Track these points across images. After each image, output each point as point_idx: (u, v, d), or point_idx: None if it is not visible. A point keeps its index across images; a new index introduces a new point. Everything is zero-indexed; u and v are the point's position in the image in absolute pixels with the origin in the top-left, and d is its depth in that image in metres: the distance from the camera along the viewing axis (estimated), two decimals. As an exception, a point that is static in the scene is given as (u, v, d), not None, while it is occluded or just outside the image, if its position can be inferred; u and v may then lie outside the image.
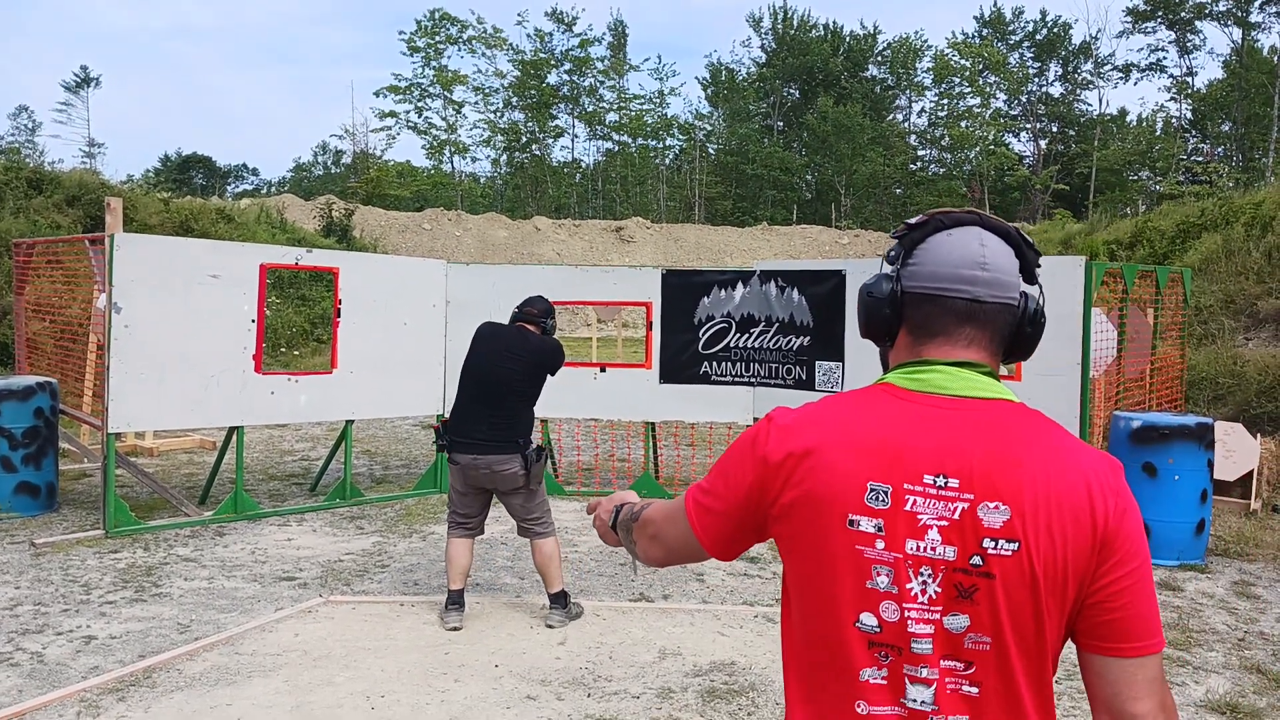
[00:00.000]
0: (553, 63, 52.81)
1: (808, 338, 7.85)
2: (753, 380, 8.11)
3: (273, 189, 58.63)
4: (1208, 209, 15.79)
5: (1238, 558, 6.63)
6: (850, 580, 1.27)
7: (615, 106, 55.06)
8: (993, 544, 1.23)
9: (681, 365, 8.17)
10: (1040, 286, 1.42)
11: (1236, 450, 8.09)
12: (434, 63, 51.08)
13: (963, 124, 52.57)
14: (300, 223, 24.83)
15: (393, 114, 51.46)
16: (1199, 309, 12.09)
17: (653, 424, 8.33)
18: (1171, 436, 6.42)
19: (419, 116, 52.06)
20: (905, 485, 1.26)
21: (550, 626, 5.04)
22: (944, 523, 1.24)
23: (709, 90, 58.24)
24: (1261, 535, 7.10)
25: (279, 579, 5.81)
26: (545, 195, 50.69)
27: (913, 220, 1.43)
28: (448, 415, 5.83)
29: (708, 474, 1.46)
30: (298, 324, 16.61)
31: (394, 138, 69.76)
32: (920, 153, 57.12)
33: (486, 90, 52.92)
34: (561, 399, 8.07)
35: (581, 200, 52.78)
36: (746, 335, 8.12)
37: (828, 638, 1.30)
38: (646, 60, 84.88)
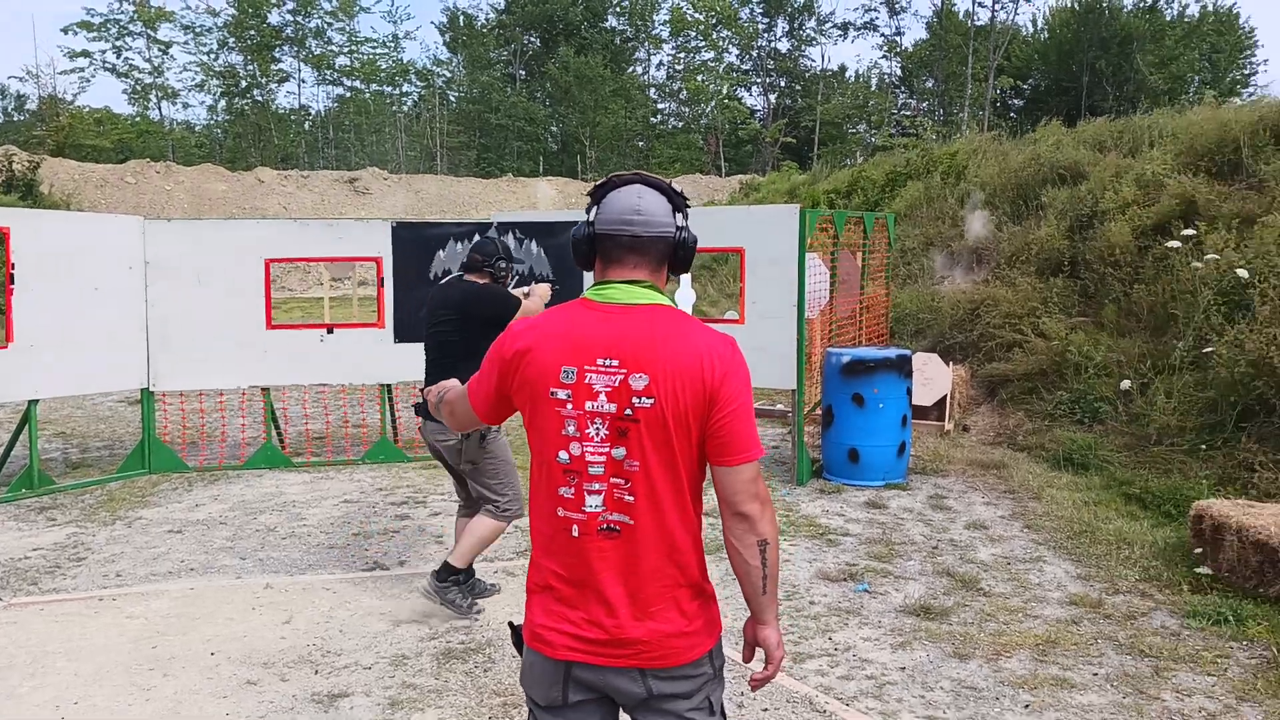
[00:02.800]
0: (274, 1, 48.97)
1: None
2: (492, 334, 7.97)
3: (-60, 138, 50.69)
4: (912, 159, 17.26)
5: (934, 474, 7.37)
6: (553, 431, 1.90)
7: (345, 50, 52.07)
8: (638, 400, 1.85)
9: (418, 322, 7.86)
10: (688, 221, 2.00)
11: (933, 378, 8.97)
12: (134, -3, 45.86)
13: (699, 78, 54.29)
14: (-26, 177, 21.64)
15: (85, 54, 45.81)
16: (904, 251, 13.24)
17: (388, 385, 8.01)
18: (876, 369, 6.98)
19: (117, 57, 46.70)
20: (585, 366, 1.87)
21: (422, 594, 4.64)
22: (609, 389, 1.86)
23: (447, 36, 56.44)
24: (953, 453, 7.93)
25: (-53, 586, 5.06)
26: (270, 144, 47.13)
27: (600, 181, 2.01)
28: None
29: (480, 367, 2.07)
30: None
31: (88, 80, 62.07)
32: (660, 106, 58.50)
33: (198, 29, 48.33)
34: (284, 365, 7.59)
35: (311, 150, 49.61)
36: (484, 288, 7.94)
37: (542, 467, 1.94)
38: (378, 2, 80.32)
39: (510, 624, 2.11)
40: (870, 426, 6.97)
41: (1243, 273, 7.46)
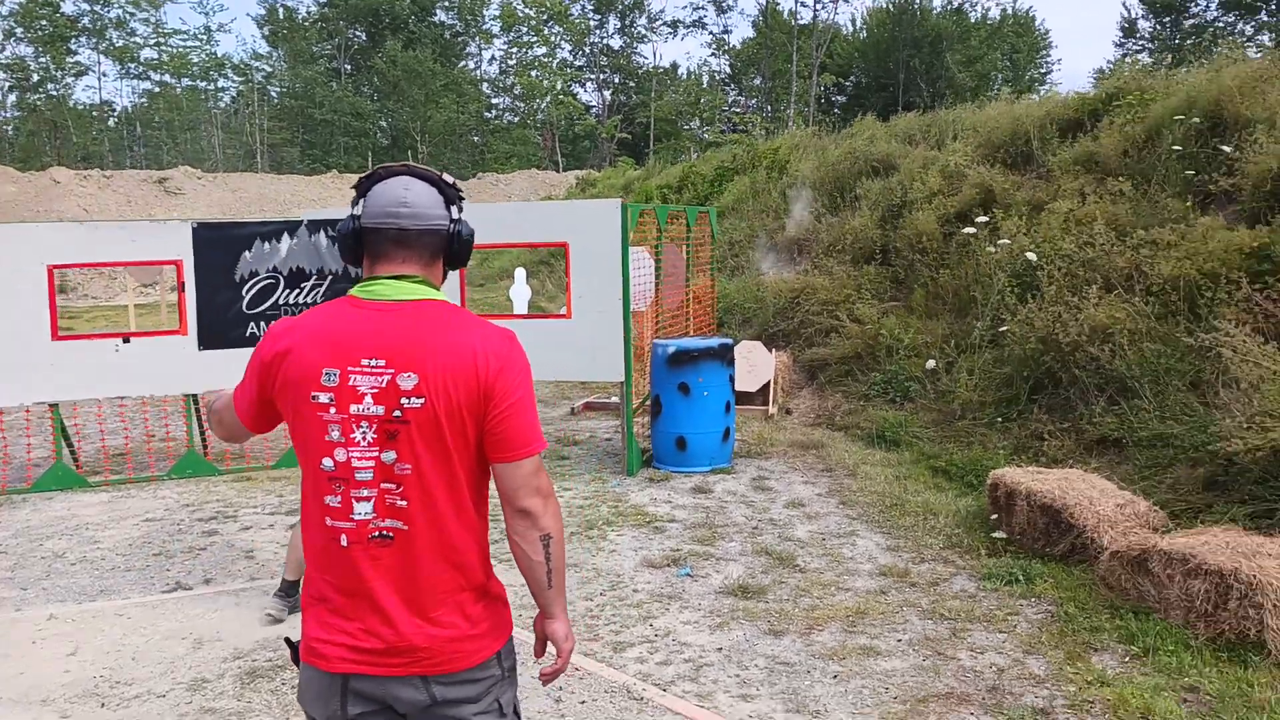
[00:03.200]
0: (68, -12, 45.43)
1: (362, 288, 7.53)
2: (307, 336, 7.61)
3: None
4: (739, 155, 17.73)
5: (758, 457, 7.56)
6: (316, 437, 1.80)
7: (151, 42, 48.87)
8: (407, 400, 1.76)
9: (224, 327, 7.43)
10: (462, 213, 1.92)
11: (757, 365, 9.22)
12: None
13: (532, 73, 53.99)
14: None
15: None
16: (731, 244, 13.55)
17: (194, 396, 7.53)
18: (700, 358, 7.10)
19: (-114, 46, 42.22)
20: (349, 368, 1.78)
21: (269, 615, 4.52)
22: (375, 390, 1.77)
23: (266, 29, 53.92)
24: (776, 435, 8.16)
25: None
26: (68, 142, 43.67)
27: (366, 173, 1.89)
28: None
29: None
30: None
31: None
32: (494, 101, 57.84)
33: (-19, 18, 44.21)
34: (77, 378, 7.01)
35: (117, 148, 46.32)
36: (298, 290, 7.58)
37: (308, 475, 1.84)
38: (189, -9, 75.85)
39: (286, 640, 2.00)
40: (696, 414, 7.09)
41: (1031, 256, 8.02)
